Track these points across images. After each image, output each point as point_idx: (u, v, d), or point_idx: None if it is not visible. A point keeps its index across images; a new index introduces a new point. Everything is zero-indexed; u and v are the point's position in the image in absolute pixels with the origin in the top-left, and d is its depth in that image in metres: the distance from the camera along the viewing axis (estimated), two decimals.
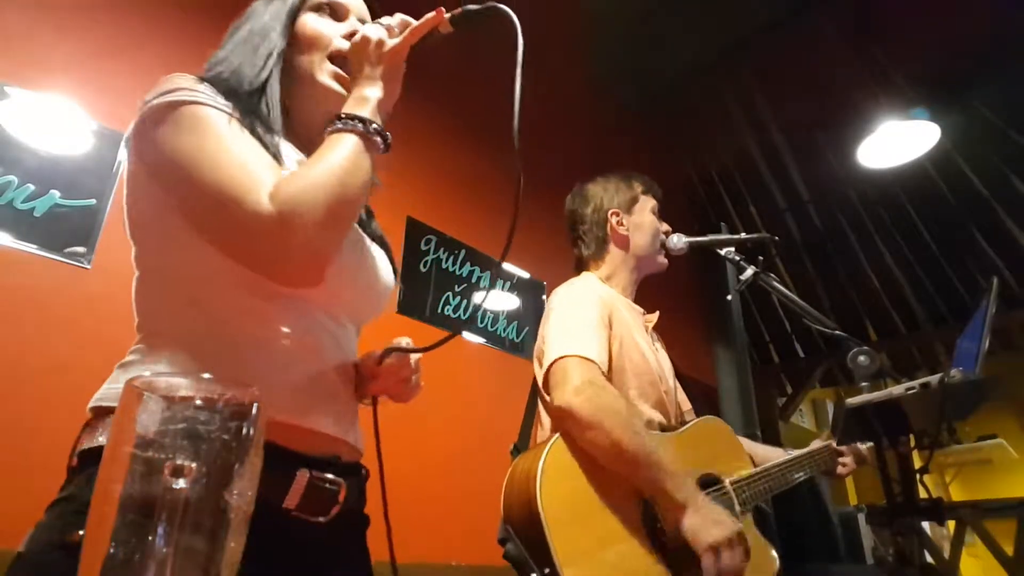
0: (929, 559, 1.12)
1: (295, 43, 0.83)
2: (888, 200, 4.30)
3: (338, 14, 0.87)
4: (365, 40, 0.77)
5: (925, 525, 1.15)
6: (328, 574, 0.72)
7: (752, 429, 3.07)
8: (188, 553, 0.33)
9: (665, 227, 1.60)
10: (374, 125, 0.73)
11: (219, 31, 0.93)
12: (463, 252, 2.76)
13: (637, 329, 1.45)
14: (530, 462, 1.13)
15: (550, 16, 3.21)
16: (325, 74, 0.83)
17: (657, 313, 1.57)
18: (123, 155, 0.76)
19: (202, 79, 0.76)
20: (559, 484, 1.10)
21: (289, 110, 0.84)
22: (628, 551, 1.11)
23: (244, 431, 0.37)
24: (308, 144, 0.86)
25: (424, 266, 2.58)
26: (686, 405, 1.55)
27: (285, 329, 0.72)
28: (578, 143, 3.55)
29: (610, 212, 1.56)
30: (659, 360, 1.48)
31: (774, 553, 1.35)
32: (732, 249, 1.50)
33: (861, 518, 2.79)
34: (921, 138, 3.46)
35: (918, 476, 1.13)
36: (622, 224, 1.55)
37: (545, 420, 1.38)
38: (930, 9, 3.26)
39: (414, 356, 0.83)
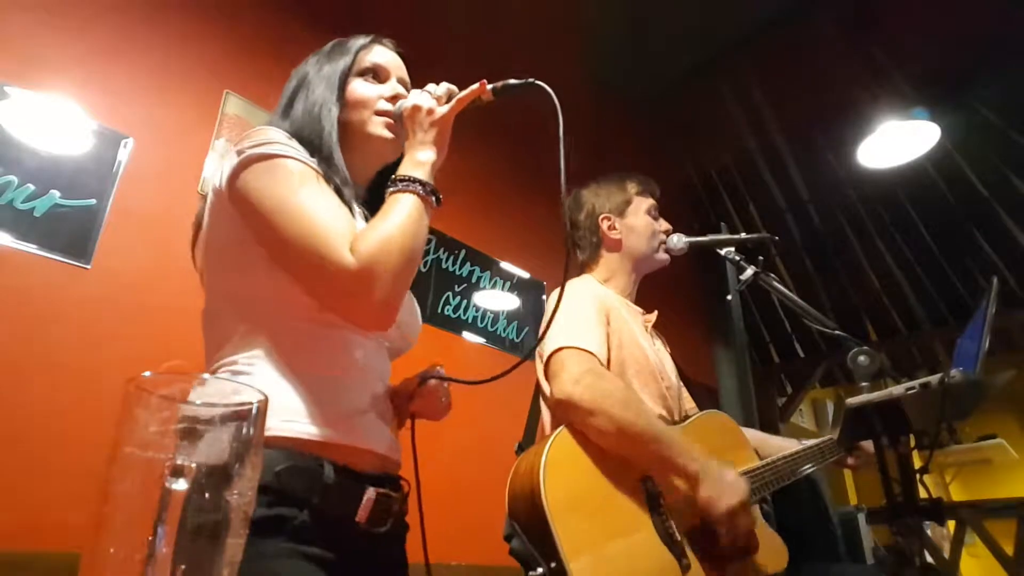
0: (929, 559, 1.12)
1: (346, 105, 0.93)
2: (888, 200, 4.30)
3: (380, 76, 0.98)
4: (416, 108, 0.88)
5: (925, 525, 1.15)
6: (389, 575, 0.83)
7: (752, 428, 3.07)
8: (188, 553, 0.33)
9: (664, 226, 1.60)
10: (431, 187, 0.83)
11: (219, 31, 0.94)
12: (463, 252, 2.76)
13: (636, 327, 1.45)
14: (533, 457, 1.13)
15: (551, 16, 3.21)
16: (376, 125, 0.93)
17: (656, 312, 1.57)
18: (210, 193, 0.84)
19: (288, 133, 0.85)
20: (562, 477, 1.10)
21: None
22: (634, 541, 1.11)
23: (244, 431, 0.37)
24: (357, 189, 0.97)
25: (424, 266, 2.58)
26: (690, 405, 1.56)
27: (350, 358, 0.82)
28: (578, 143, 3.55)
29: (601, 217, 1.58)
30: (660, 358, 1.48)
31: (780, 542, 1.36)
32: (732, 249, 1.50)
33: (861, 518, 2.79)
34: (921, 138, 3.46)
35: (918, 476, 1.13)
36: (614, 228, 1.57)
37: (546, 417, 1.38)
38: (930, 9, 3.26)
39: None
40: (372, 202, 0.94)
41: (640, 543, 1.12)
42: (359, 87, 0.95)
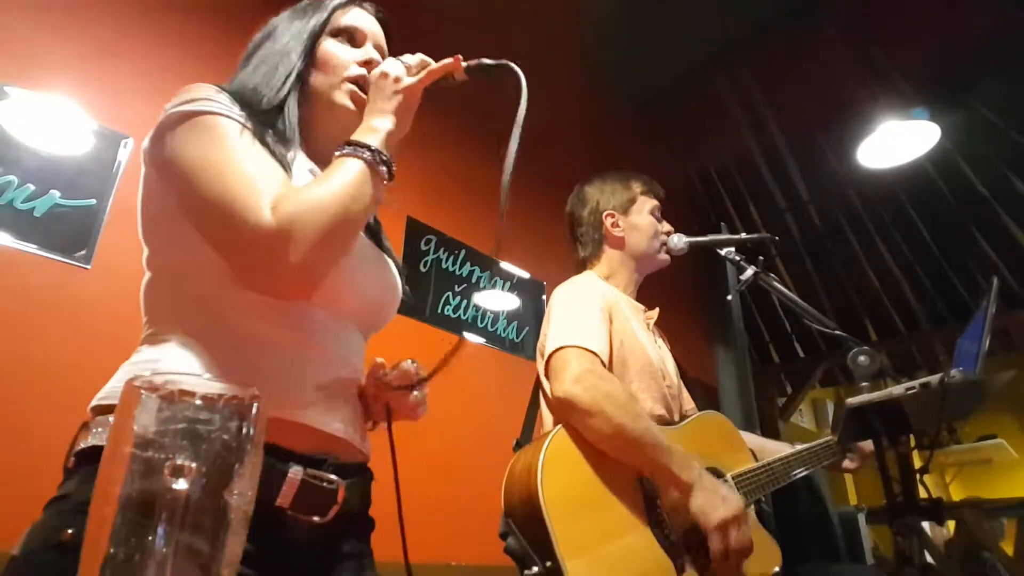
0: (929, 559, 1.12)
1: (313, 65, 0.87)
2: (888, 200, 4.30)
3: (356, 40, 0.91)
4: (383, 75, 0.81)
5: (925, 525, 1.15)
6: (343, 572, 0.73)
7: (752, 429, 3.07)
8: (188, 553, 0.33)
9: (666, 227, 1.61)
10: (381, 155, 0.75)
11: (218, 31, 0.93)
12: (463, 252, 2.76)
13: (639, 325, 1.45)
14: (531, 455, 1.13)
15: (550, 16, 3.21)
16: (342, 94, 0.86)
17: (657, 310, 1.58)
18: (141, 159, 0.77)
19: (223, 89, 0.78)
20: (560, 476, 1.10)
21: (305, 129, 0.86)
22: (630, 542, 1.11)
23: (244, 431, 0.37)
24: (321, 160, 0.89)
25: (424, 266, 2.58)
26: (689, 404, 1.56)
27: (286, 329, 0.73)
28: (578, 143, 3.55)
29: (605, 214, 1.58)
30: (661, 356, 1.48)
31: (775, 544, 1.36)
32: (732, 249, 1.50)
33: (861, 518, 2.78)
34: (921, 138, 3.46)
35: (918, 476, 1.13)
36: (617, 225, 1.56)
37: (546, 415, 1.38)
38: (930, 9, 3.26)
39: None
40: None
41: (636, 543, 1.12)
42: (331, 47, 0.88)
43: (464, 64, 0.84)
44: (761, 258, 1.44)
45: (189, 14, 2.07)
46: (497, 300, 2.85)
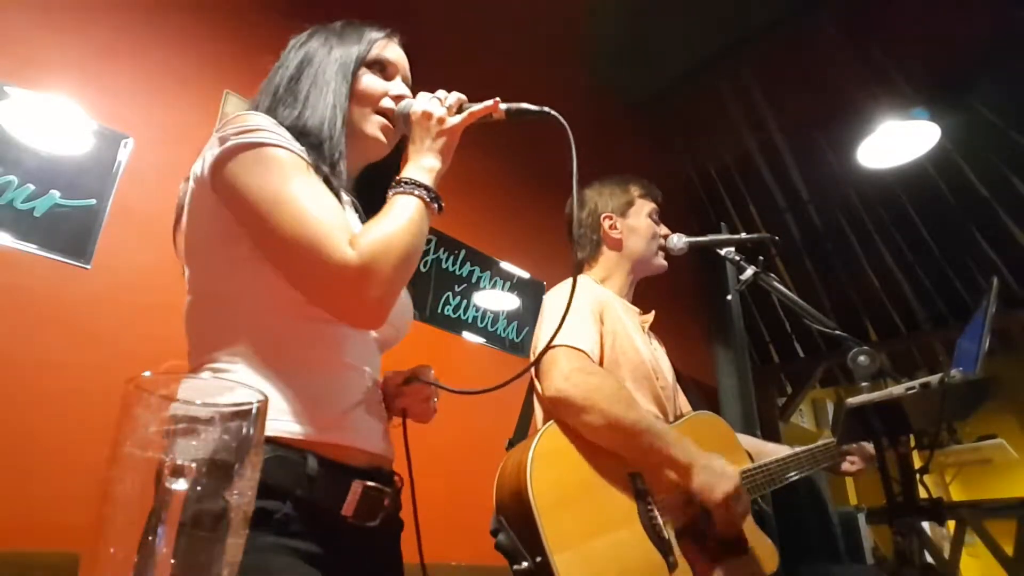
0: (929, 559, 1.12)
1: (351, 96, 0.91)
2: (888, 200, 4.30)
3: (387, 72, 0.95)
4: (428, 115, 0.86)
5: (925, 525, 1.15)
6: (382, 572, 0.82)
7: (752, 429, 3.07)
8: (188, 553, 0.33)
9: (664, 230, 1.61)
10: (434, 193, 0.82)
11: (219, 31, 0.93)
12: (463, 252, 2.76)
13: (632, 326, 1.45)
14: (521, 452, 1.14)
15: (550, 16, 3.21)
16: (374, 127, 0.91)
17: (653, 313, 1.58)
18: (194, 180, 0.81)
19: (274, 119, 0.81)
20: (549, 472, 1.11)
21: None
22: (620, 536, 1.12)
23: (244, 431, 0.37)
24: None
25: (424, 266, 2.58)
26: (685, 407, 1.56)
27: (335, 355, 0.80)
28: (578, 143, 3.55)
29: (603, 216, 1.59)
30: (656, 357, 1.48)
31: (771, 543, 1.35)
32: (732, 249, 1.50)
33: (861, 518, 2.79)
34: (921, 138, 3.46)
35: (918, 476, 1.13)
36: (615, 228, 1.58)
37: (539, 415, 1.38)
38: (930, 9, 3.26)
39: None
40: (356, 204, 0.93)
41: (627, 539, 1.12)
42: (367, 80, 0.92)
43: (504, 107, 0.89)
44: (761, 258, 1.44)
45: (189, 14, 2.07)
46: (497, 300, 2.85)
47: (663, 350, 1.59)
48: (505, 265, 2.93)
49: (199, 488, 0.34)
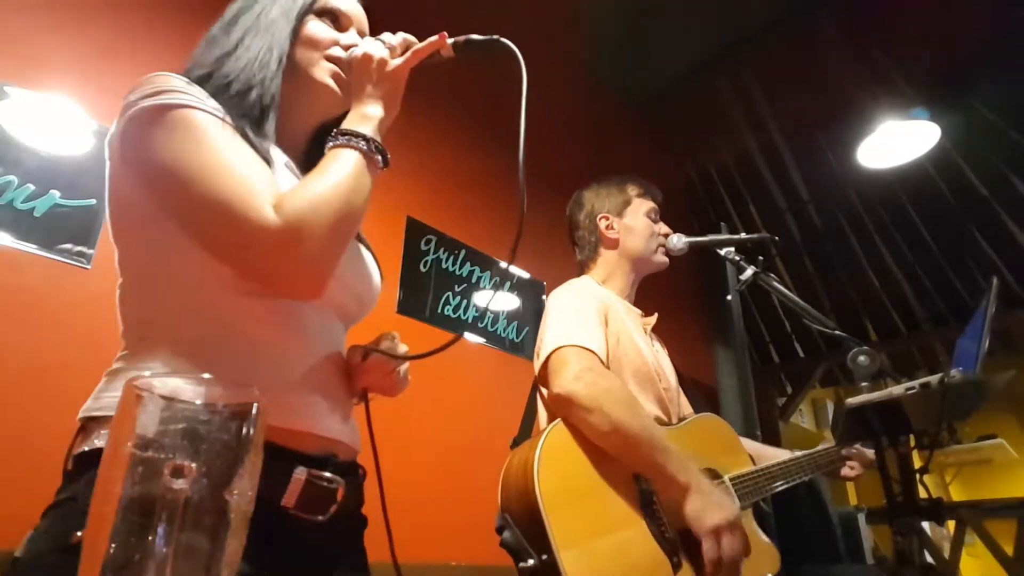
0: (929, 559, 1.12)
1: (296, 42, 0.83)
2: (888, 200, 4.30)
3: (340, 23, 0.87)
4: (367, 58, 0.78)
5: (925, 525, 1.15)
6: (327, 574, 0.72)
7: (752, 429, 3.07)
8: (188, 553, 0.33)
9: (664, 229, 1.61)
10: (376, 144, 0.74)
11: None
12: (463, 252, 2.76)
13: (635, 328, 1.46)
14: (527, 450, 1.13)
15: (550, 15, 3.21)
16: (324, 72, 0.83)
17: (656, 315, 1.58)
18: (107, 154, 0.74)
19: (188, 78, 0.75)
20: (556, 470, 1.10)
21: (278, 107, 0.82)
22: (626, 536, 1.11)
23: (244, 431, 0.37)
24: (293, 141, 0.87)
25: (424, 266, 2.58)
26: (687, 409, 1.56)
27: (279, 330, 0.72)
28: (578, 143, 3.55)
29: (600, 216, 1.60)
30: (658, 360, 1.48)
31: (773, 547, 1.35)
32: (732, 249, 1.50)
33: (861, 518, 2.79)
34: (921, 138, 3.46)
35: (918, 476, 1.13)
36: (612, 228, 1.58)
37: (542, 414, 1.38)
38: (930, 9, 3.26)
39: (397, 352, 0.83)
40: (309, 163, 0.83)
41: (632, 539, 1.12)
42: (314, 27, 0.84)
43: (451, 41, 0.81)
44: (761, 258, 1.44)
45: (189, 14, 2.07)
46: (497, 300, 2.85)
47: (665, 352, 1.60)
48: (505, 265, 2.93)
49: (199, 488, 0.34)
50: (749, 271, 1.42)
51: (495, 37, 0.81)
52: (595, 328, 1.32)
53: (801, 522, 2.55)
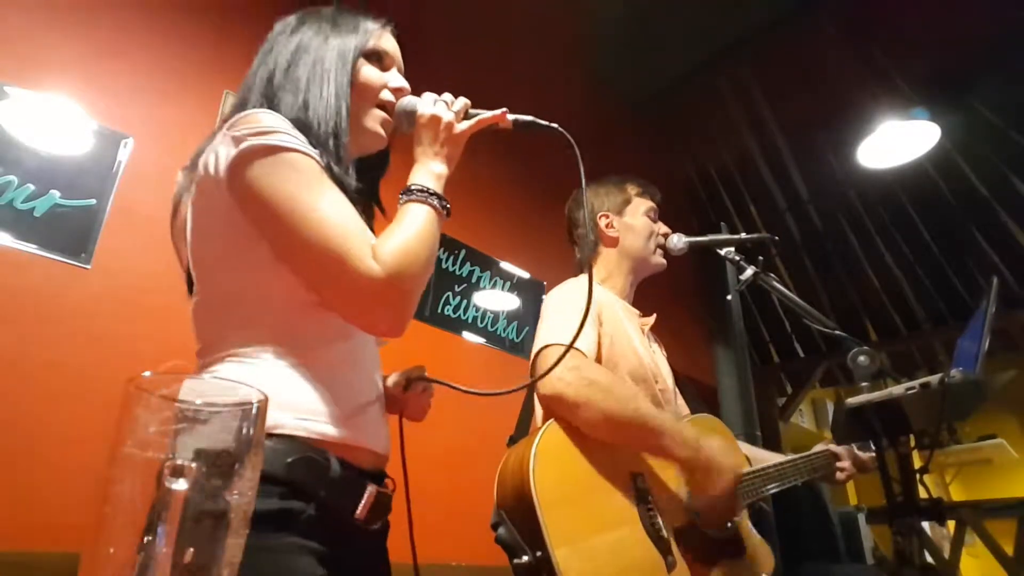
0: (929, 559, 1.12)
1: (351, 87, 0.88)
2: (888, 200, 4.30)
3: (383, 63, 0.93)
4: (436, 119, 0.86)
5: (925, 525, 1.15)
6: (376, 574, 0.82)
7: (752, 429, 3.07)
8: (188, 553, 0.33)
9: (662, 228, 1.60)
10: (444, 201, 0.83)
11: (218, 31, 0.93)
12: (463, 252, 2.76)
13: (632, 328, 1.45)
14: (523, 448, 1.14)
15: (550, 15, 3.21)
16: (375, 121, 0.90)
17: (654, 316, 1.57)
18: (201, 181, 0.78)
19: (278, 113, 0.79)
20: (551, 467, 1.11)
21: None
22: (621, 534, 1.12)
23: (244, 431, 0.37)
24: None
25: None
26: (685, 410, 1.55)
27: (350, 353, 0.80)
28: (578, 143, 3.55)
29: (599, 215, 1.59)
30: (655, 360, 1.48)
31: (767, 548, 1.36)
32: (732, 249, 1.50)
33: (861, 518, 2.79)
34: (921, 138, 3.46)
35: (918, 476, 1.13)
36: (611, 226, 1.58)
37: (539, 411, 1.38)
38: (930, 9, 3.26)
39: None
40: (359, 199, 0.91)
41: (626, 537, 1.12)
42: (366, 72, 0.90)
43: (511, 118, 0.90)
44: (761, 258, 1.44)
45: (189, 14, 2.07)
46: (497, 300, 2.85)
47: (663, 354, 1.59)
48: (505, 265, 2.93)
49: (199, 488, 0.34)
50: (749, 271, 1.42)
51: (554, 125, 0.90)
52: (586, 327, 1.32)
53: (801, 522, 2.55)
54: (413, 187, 0.82)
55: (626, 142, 3.96)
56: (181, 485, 0.34)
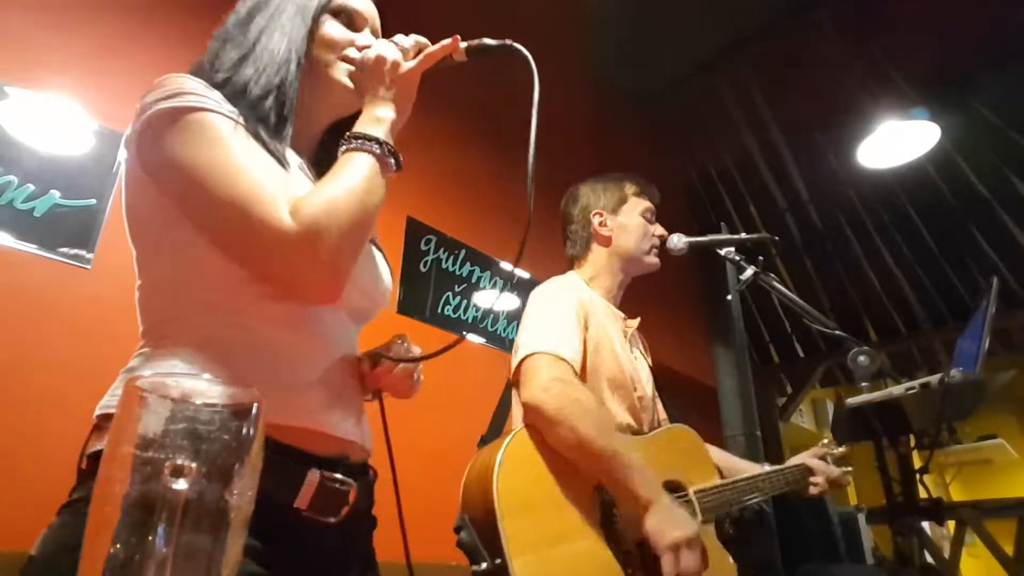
0: (929, 559, 1.12)
1: (312, 42, 0.83)
2: (888, 200, 4.30)
3: (355, 23, 0.87)
4: (381, 60, 0.78)
5: (925, 525, 1.15)
6: (350, 573, 0.74)
7: (752, 429, 3.07)
8: (188, 553, 0.33)
9: (659, 230, 1.59)
10: (389, 147, 0.74)
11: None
12: (463, 252, 2.76)
13: (615, 333, 1.44)
14: (490, 452, 1.13)
15: (551, 15, 3.21)
16: (341, 72, 0.83)
17: (638, 319, 1.55)
18: (122, 155, 0.74)
19: (206, 80, 0.75)
20: (516, 475, 1.10)
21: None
22: (582, 546, 1.11)
23: (244, 431, 0.37)
24: (306, 139, 0.87)
25: (424, 266, 2.58)
26: (663, 415, 1.54)
27: (296, 332, 0.73)
28: (578, 143, 3.55)
29: (593, 212, 1.57)
30: (635, 366, 1.47)
31: (731, 561, 1.33)
32: (732, 249, 1.50)
33: (861, 518, 2.79)
34: (921, 138, 3.46)
35: (918, 476, 1.13)
36: (605, 224, 1.56)
37: (516, 412, 1.38)
38: (930, 9, 3.26)
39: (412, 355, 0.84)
40: (321, 161, 0.85)
41: (588, 550, 1.11)
42: (330, 27, 0.84)
43: (463, 45, 0.82)
44: (761, 258, 1.44)
45: (189, 14, 2.07)
46: (497, 300, 2.85)
47: (646, 358, 1.58)
48: (505, 265, 2.93)
49: (199, 488, 0.34)
50: (749, 271, 1.42)
51: (508, 42, 0.81)
52: (572, 333, 1.30)
53: (801, 522, 2.55)
54: (351, 134, 0.74)
55: (626, 142, 3.96)
56: (181, 485, 0.34)
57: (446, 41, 0.81)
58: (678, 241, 1.57)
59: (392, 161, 0.75)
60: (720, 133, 4.36)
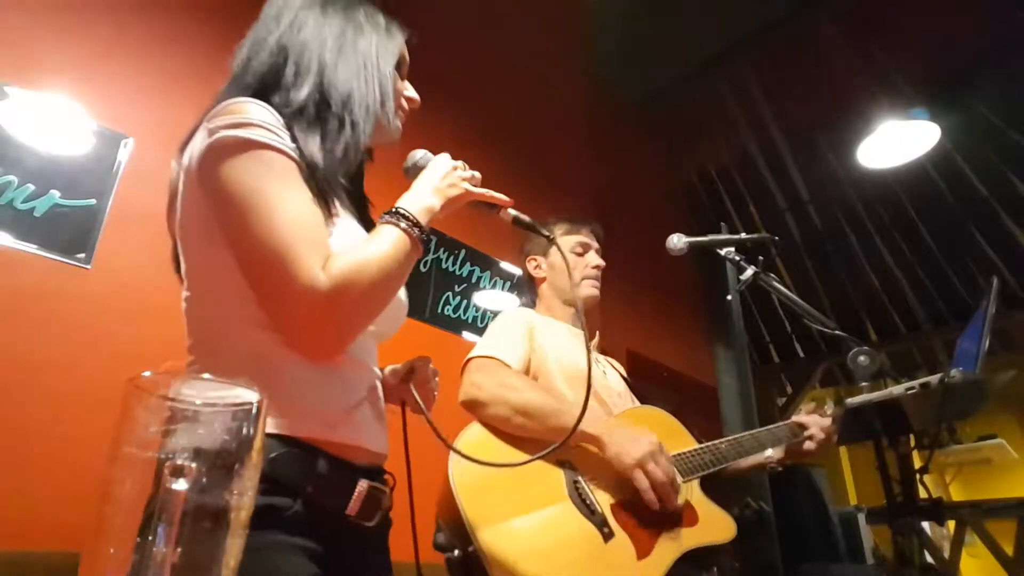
0: (929, 559, 1.12)
1: None
2: (888, 200, 4.30)
3: (401, 72, 0.95)
4: (454, 168, 0.87)
5: (925, 525, 1.15)
6: (374, 572, 0.81)
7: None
8: (188, 553, 0.33)
9: (593, 261, 1.63)
10: (426, 235, 0.79)
11: (219, 31, 0.93)
12: (463, 252, 2.76)
13: (566, 340, 1.50)
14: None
15: (551, 16, 3.21)
16: (398, 120, 0.91)
17: (597, 335, 1.67)
18: (183, 173, 0.78)
19: (271, 104, 0.76)
20: (471, 464, 1.11)
21: None
22: (551, 514, 1.13)
23: (244, 431, 0.37)
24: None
25: (424, 266, 2.58)
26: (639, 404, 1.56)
27: (344, 354, 0.77)
28: (579, 143, 3.55)
29: (528, 258, 1.72)
30: (601, 371, 1.53)
31: (730, 519, 1.33)
32: (732, 249, 1.50)
33: (861, 518, 2.79)
34: (921, 138, 3.46)
35: (918, 476, 1.13)
36: (539, 267, 1.69)
37: None
38: (930, 9, 3.26)
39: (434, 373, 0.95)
40: (351, 193, 0.90)
41: (557, 516, 1.13)
42: (395, 78, 0.92)
43: (513, 213, 0.93)
44: (761, 258, 1.44)
45: (189, 14, 2.07)
46: (497, 300, 2.85)
47: (617, 371, 1.64)
48: (505, 265, 2.93)
49: (199, 488, 0.34)
50: (749, 271, 1.42)
51: (550, 236, 0.94)
52: (511, 341, 1.40)
53: (801, 522, 2.55)
54: (395, 209, 0.79)
55: (627, 142, 3.96)
56: (181, 485, 0.34)
57: (505, 197, 0.92)
58: (678, 241, 1.57)
59: (423, 248, 0.80)
60: (720, 133, 4.36)
